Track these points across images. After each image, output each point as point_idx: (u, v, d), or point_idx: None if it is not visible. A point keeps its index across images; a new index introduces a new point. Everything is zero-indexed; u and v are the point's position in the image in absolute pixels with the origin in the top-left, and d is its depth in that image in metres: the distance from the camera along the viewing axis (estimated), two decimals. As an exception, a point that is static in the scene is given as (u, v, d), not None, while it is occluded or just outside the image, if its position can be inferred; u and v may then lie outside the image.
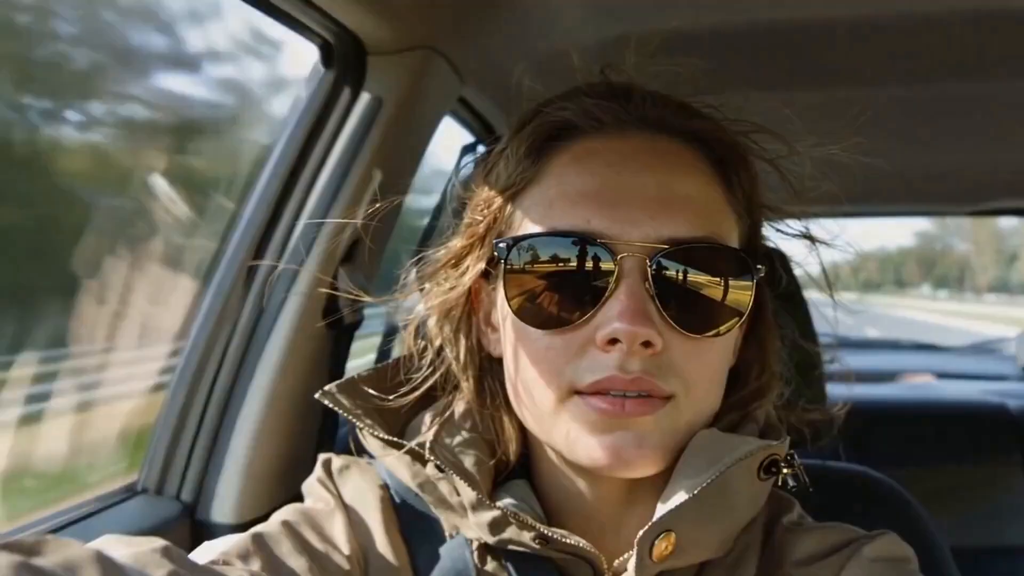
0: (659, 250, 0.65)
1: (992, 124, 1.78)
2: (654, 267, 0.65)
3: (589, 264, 0.66)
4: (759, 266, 0.70)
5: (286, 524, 0.73)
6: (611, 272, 0.65)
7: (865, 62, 1.41)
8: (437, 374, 0.80)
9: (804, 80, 1.49)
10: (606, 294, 0.65)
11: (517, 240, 0.69)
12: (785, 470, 0.68)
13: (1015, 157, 2.08)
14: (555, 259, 0.67)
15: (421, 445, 0.73)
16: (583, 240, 0.66)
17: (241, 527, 1.05)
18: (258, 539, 0.70)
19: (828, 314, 0.91)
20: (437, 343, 0.79)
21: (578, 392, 0.66)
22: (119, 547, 0.58)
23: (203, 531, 1.09)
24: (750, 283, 0.69)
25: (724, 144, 0.73)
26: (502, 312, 0.73)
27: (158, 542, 0.59)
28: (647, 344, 0.64)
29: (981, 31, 1.25)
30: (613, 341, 0.64)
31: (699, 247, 0.66)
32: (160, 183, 1.23)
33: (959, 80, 1.48)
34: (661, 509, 0.65)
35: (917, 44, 1.31)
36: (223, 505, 1.10)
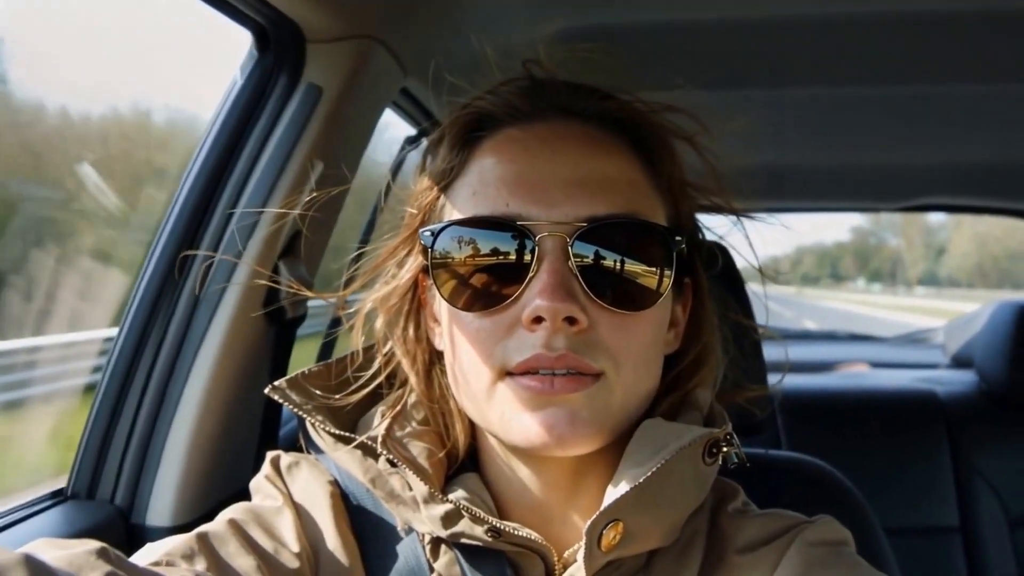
0: (578, 228, 0.66)
1: (922, 124, 1.85)
2: (574, 245, 0.66)
3: (511, 246, 0.67)
4: (678, 238, 0.71)
5: (233, 523, 0.72)
6: (532, 252, 0.66)
7: (802, 62, 1.45)
8: (387, 370, 0.79)
9: (737, 78, 1.51)
10: (529, 274, 0.66)
11: (441, 228, 0.70)
12: (726, 448, 0.70)
13: (944, 155, 2.17)
14: (478, 244, 0.68)
15: (373, 439, 0.73)
16: (503, 223, 0.67)
17: (178, 529, 1.01)
18: (203, 539, 0.68)
19: (766, 304, 0.93)
20: (388, 344, 0.79)
21: (509, 373, 0.67)
22: (51, 550, 0.55)
23: (138, 535, 1.05)
24: (672, 256, 0.70)
25: (642, 126, 0.75)
26: (439, 301, 0.74)
27: (93, 544, 0.57)
28: (572, 321, 0.64)
29: (912, 34, 1.29)
30: (538, 320, 0.65)
31: (618, 223, 0.68)
32: (89, 173, 1.18)
33: (891, 82, 1.53)
34: (608, 498, 0.66)
35: (851, 45, 1.35)
36: (159, 507, 1.06)
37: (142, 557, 0.65)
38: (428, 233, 0.71)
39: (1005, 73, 1.45)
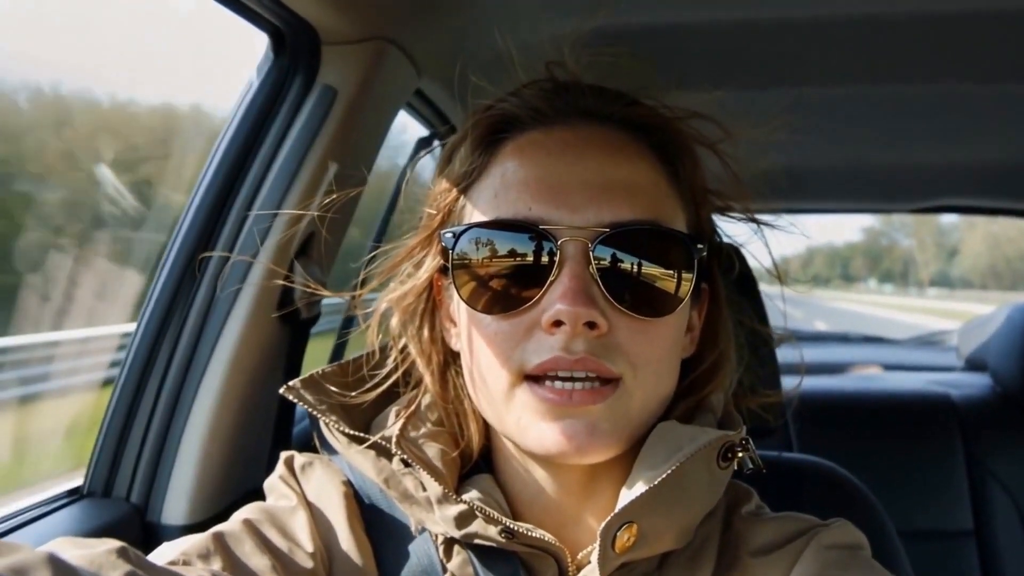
0: (600, 234, 0.66)
1: (938, 124, 1.84)
2: (596, 250, 0.66)
3: (532, 250, 0.67)
4: (699, 245, 0.71)
5: (248, 523, 0.72)
6: (554, 256, 0.66)
7: (820, 62, 1.44)
8: (401, 370, 0.79)
9: (753, 78, 1.51)
10: (550, 278, 0.66)
11: (462, 231, 0.70)
12: (740, 453, 0.70)
13: (957, 156, 2.16)
14: (499, 247, 0.68)
15: (387, 439, 0.73)
16: (525, 227, 0.67)
17: (193, 528, 1.02)
18: (219, 538, 0.69)
19: (779, 306, 0.93)
20: (402, 341, 0.79)
21: (527, 377, 0.67)
22: (71, 549, 0.56)
23: (154, 533, 1.06)
24: (693, 264, 0.70)
25: (665, 131, 0.75)
26: (457, 302, 0.74)
27: (113, 543, 0.57)
28: (592, 325, 0.64)
29: (926, 34, 1.29)
30: (558, 323, 0.65)
31: (640, 230, 0.68)
32: (106, 174, 1.19)
33: (904, 82, 1.52)
34: (623, 500, 0.66)
35: (866, 45, 1.35)
36: (174, 506, 1.07)
37: (159, 556, 0.65)
38: (449, 235, 0.71)
39: (1021, 74, 1.44)
